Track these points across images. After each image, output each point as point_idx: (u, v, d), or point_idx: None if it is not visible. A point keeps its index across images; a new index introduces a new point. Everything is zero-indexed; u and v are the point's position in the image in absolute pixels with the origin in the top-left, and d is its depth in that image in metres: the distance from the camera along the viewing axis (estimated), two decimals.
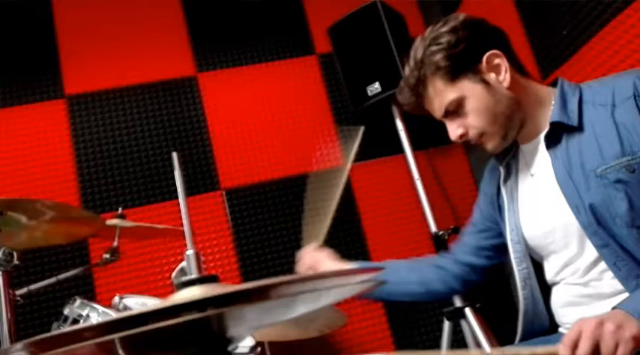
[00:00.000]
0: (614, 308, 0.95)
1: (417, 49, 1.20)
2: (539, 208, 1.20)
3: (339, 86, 2.77)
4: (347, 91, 2.62)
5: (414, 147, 2.51)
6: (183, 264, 0.72)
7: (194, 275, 0.69)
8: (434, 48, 1.16)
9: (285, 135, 2.74)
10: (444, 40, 1.16)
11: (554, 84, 1.21)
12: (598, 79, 1.20)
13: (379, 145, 2.78)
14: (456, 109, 1.17)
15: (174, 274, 0.75)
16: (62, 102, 2.63)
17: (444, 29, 1.18)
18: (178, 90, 2.74)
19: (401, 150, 2.52)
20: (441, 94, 1.17)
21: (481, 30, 1.21)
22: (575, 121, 1.11)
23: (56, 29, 2.70)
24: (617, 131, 1.05)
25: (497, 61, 1.16)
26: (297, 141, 2.74)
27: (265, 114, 2.76)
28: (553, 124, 1.14)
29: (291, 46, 2.89)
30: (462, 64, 1.15)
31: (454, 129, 1.20)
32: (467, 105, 1.16)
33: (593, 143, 1.08)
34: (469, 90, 1.15)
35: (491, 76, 1.16)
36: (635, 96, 1.05)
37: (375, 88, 2.47)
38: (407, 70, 1.22)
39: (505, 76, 1.16)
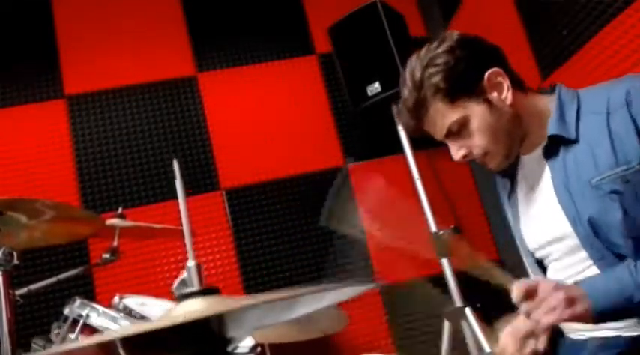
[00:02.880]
0: (576, 282, 1.00)
1: (415, 71, 1.17)
2: (539, 219, 1.19)
3: (339, 86, 2.77)
4: (347, 91, 2.62)
5: (414, 147, 2.50)
6: (185, 275, 0.71)
7: (195, 288, 0.69)
8: (432, 70, 1.14)
9: (285, 135, 2.74)
10: (441, 60, 1.14)
11: (552, 90, 1.19)
12: (595, 86, 1.19)
13: (379, 145, 2.78)
14: (458, 130, 1.15)
15: (175, 286, 0.75)
16: (62, 102, 2.63)
17: (441, 49, 1.15)
18: (178, 90, 2.74)
19: (401, 150, 2.52)
20: (443, 115, 1.15)
21: (478, 48, 1.19)
22: (572, 134, 1.10)
23: (56, 29, 2.70)
24: (611, 140, 1.04)
25: (498, 79, 1.15)
26: (297, 141, 2.74)
27: (265, 114, 2.76)
28: (551, 137, 1.13)
29: (291, 46, 2.89)
30: (462, 84, 1.13)
31: (457, 150, 1.19)
32: (470, 125, 1.14)
33: (589, 153, 1.07)
34: (471, 110, 1.13)
35: (494, 95, 1.14)
36: (627, 105, 1.04)
37: (375, 87, 2.46)
38: (405, 92, 1.19)
39: (507, 95, 1.14)
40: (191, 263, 0.71)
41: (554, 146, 1.13)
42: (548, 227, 1.16)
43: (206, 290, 0.66)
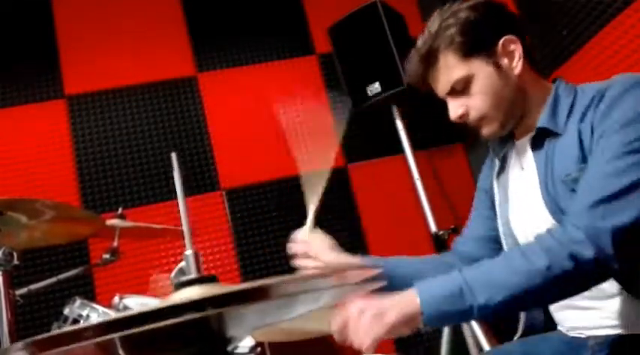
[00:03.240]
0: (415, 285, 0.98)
1: (434, 21, 1.17)
2: (527, 206, 1.19)
3: (339, 86, 2.77)
4: (347, 91, 2.62)
5: (414, 147, 2.51)
6: (183, 264, 0.72)
7: (193, 276, 0.69)
8: (451, 21, 1.14)
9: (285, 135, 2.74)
10: (462, 15, 1.14)
11: (554, 82, 1.20)
12: (592, 83, 1.19)
13: (379, 145, 2.78)
14: (462, 88, 1.15)
15: (173, 274, 0.75)
16: (62, 102, 2.63)
17: (464, 5, 1.16)
18: (178, 90, 2.74)
19: (401, 150, 2.52)
20: (451, 70, 1.15)
21: (501, 13, 1.20)
22: (560, 128, 1.10)
23: (56, 29, 2.70)
24: (580, 139, 1.05)
25: (512, 46, 1.15)
26: (297, 141, 2.74)
27: (265, 114, 2.76)
28: (539, 129, 1.13)
29: (291, 46, 2.89)
30: (477, 42, 1.14)
31: (455, 108, 1.18)
32: (474, 85, 1.14)
33: (565, 150, 1.08)
34: (479, 70, 1.14)
35: (504, 61, 1.15)
36: (597, 105, 1.04)
37: (375, 88, 2.46)
38: (420, 41, 1.19)
39: (518, 63, 1.15)
40: (189, 251, 0.71)
41: (541, 138, 1.13)
42: (535, 214, 1.16)
43: (204, 278, 0.66)
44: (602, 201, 0.93)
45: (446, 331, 2.19)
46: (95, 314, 1.60)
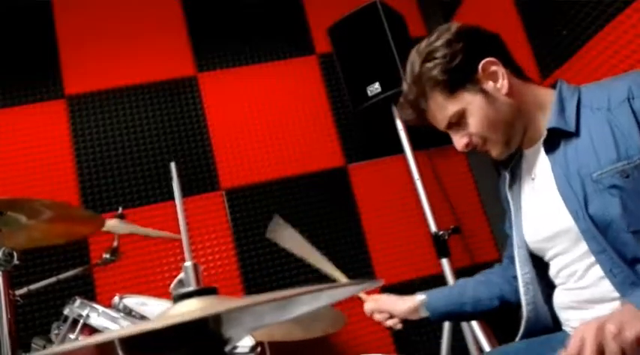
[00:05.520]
0: (622, 301, 0.95)
1: (414, 65, 1.20)
2: (540, 213, 1.20)
3: (339, 86, 2.77)
4: (347, 91, 2.62)
5: (414, 147, 2.51)
6: (182, 275, 0.72)
7: (192, 288, 0.69)
8: (430, 64, 1.17)
9: (285, 135, 2.74)
10: (439, 54, 1.16)
11: (554, 86, 1.20)
12: (597, 82, 1.19)
13: (379, 145, 2.78)
14: (458, 121, 1.18)
15: (172, 286, 0.75)
16: (62, 102, 2.63)
17: (439, 43, 1.18)
18: (178, 90, 2.74)
19: (401, 150, 2.52)
20: (443, 108, 1.18)
21: (475, 39, 1.20)
22: (572, 127, 1.11)
23: (56, 29, 2.70)
24: (613, 135, 1.05)
25: (493, 68, 1.16)
26: (297, 141, 2.74)
27: (265, 114, 2.76)
28: (550, 130, 1.13)
29: (291, 46, 2.89)
30: (459, 76, 1.16)
31: (458, 139, 1.21)
32: (468, 116, 1.17)
33: (590, 148, 1.08)
34: (469, 101, 1.16)
35: (489, 85, 1.16)
36: (629, 100, 1.04)
37: (375, 88, 2.46)
38: (405, 86, 1.23)
39: (503, 83, 1.16)
40: (188, 263, 0.72)
41: (555, 139, 1.14)
42: (550, 221, 1.16)
43: (203, 290, 0.66)
44: None
45: (446, 331, 2.19)
46: (95, 314, 1.60)
